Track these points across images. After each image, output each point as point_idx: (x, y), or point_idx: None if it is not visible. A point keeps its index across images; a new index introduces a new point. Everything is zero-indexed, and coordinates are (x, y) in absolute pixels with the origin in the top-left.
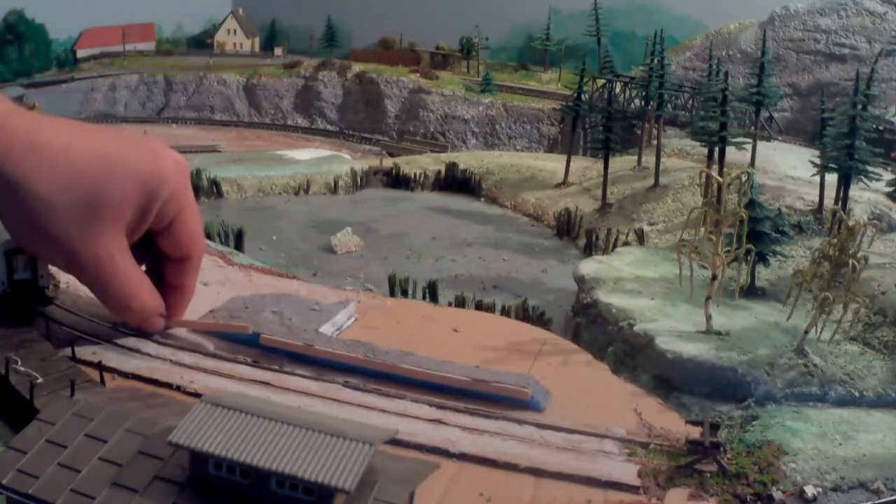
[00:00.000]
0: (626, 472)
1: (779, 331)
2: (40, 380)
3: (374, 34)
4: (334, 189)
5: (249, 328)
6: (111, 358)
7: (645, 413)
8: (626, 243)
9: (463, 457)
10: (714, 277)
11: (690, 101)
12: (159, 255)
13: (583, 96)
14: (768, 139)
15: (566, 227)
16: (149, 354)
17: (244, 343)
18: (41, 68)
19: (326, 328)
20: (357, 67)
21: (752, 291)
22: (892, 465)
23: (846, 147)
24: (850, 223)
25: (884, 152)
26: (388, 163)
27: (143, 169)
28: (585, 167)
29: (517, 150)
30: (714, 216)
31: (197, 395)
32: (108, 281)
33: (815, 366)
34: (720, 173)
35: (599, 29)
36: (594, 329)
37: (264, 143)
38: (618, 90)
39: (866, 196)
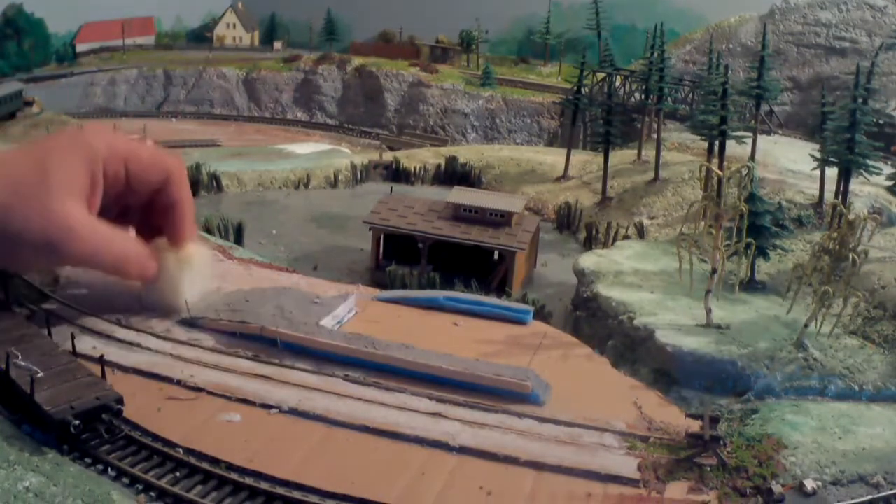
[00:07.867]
0: (626, 465)
1: (779, 324)
2: (41, 374)
3: (373, 28)
4: (334, 183)
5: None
6: (112, 352)
7: (645, 406)
8: (626, 237)
9: (463, 450)
10: (714, 271)
11: (690, 95)
12: (153, 204)
13: (583, 90)
14: (768, 133)
15: (566, 220)
16: (149, 349)
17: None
18: (40, 63)
19: (327, 321)
20: (357, 61)
21: (752, 285)
22: (892, 458)
23: (846, 141)
24: (851, 217)
25: (884, 146)
26: (387, 156)
27: (70, 145)
28: (585, 161)
29: (517, 144)
30: (714, 210)
31: (198, 389)
32: (87, 242)
33: (814, 359)
34: (720, 167)
35: (599, 22)
36: (594, 323)
37: (264, 136)
38: (618, 83)
39: (866, 190)
